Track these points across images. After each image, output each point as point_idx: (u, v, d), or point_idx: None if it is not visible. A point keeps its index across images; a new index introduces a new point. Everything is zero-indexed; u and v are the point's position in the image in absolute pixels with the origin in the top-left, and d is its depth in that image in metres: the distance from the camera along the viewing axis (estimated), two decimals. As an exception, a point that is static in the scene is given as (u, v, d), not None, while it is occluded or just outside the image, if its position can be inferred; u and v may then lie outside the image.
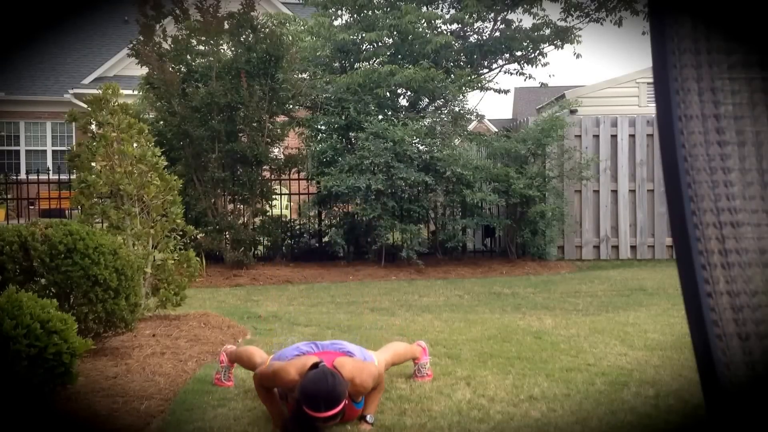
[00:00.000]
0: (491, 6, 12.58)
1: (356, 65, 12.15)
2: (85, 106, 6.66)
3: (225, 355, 4.16)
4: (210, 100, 9.69)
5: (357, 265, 9.95)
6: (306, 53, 11.41)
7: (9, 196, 15.20)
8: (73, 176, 6.86)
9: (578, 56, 15.25)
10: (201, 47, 10.26)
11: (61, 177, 13.07)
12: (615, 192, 10.81)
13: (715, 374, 0.83)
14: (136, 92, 11.28)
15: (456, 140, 11.21)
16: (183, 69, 10.23)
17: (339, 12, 12.61)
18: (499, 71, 13.85)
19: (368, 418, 3.41)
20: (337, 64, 12.28)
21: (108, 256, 4.53)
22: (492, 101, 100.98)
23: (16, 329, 3.29)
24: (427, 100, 12.07)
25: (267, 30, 10.15)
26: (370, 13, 12.18)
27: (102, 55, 21.22)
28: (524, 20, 23.57)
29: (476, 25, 13.24)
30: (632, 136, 10.79)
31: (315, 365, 3.24)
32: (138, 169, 6.08)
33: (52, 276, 4.40)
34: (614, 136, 10.80)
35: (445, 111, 11.75)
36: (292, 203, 12.37)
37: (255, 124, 9.99)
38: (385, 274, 9.34)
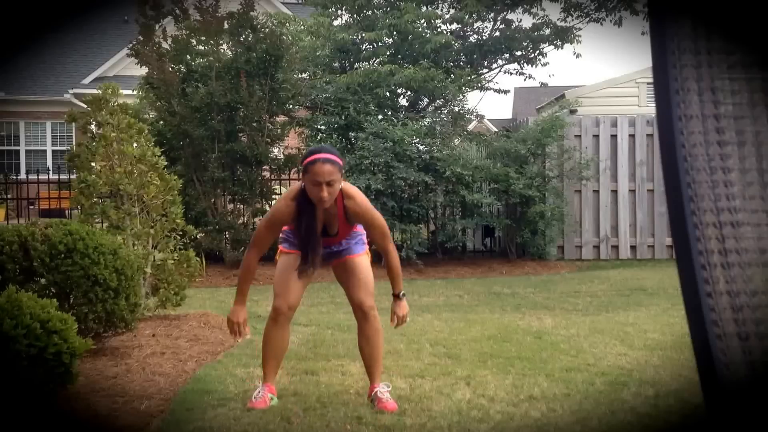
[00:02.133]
0: (491, 6, 12.57)
1: (356, 65, 12.16)
2: (85, 106, 6.66)
3: None
4: (210, 100, 9.69)
5: (357, 265, 9.95)
6: (306, 53, 11.42)
7: (9, 196, 15.20)
8: (73, 176, 6.86)
9: (578, 56, 15.27)
10: (201, 47, 10.26)
11: (61, 177, 13.07)
12: (615, 192, 10.81)
13: (715, 374, 0.83)
14: (136, 92, 11.29)
15: (456, 140, 11.21)
16: (183, 69, 10.24)
17: (339, 12, 12.62)
18: (499, 71, 13.86)
19: (401, 294, 4.00)
20: (336, 64, 12.28)
21: (108, 256, 4.53)
22: (492, 101, 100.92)
23: (16, 329, 3.28)
24: (426, 100, 12.07)
25: (267, 30, 10.15)
26: (369, 12, 12.19)
27: (102, 55, 21.21)
28: (524, 20, 23.54)
29: (476, 24, 13.25)
30: (632, 136, 10.78)
31: None
32: (138, 169, 6.08)
33: (52, 276, 4.40)
34: (614, 136, 10.80)
35: (445, 111, 11.76)
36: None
37: (255, 124, 9.99)
38: (385, 274, 9.31)
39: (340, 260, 3.83)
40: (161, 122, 10.10)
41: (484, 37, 13.29)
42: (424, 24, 12.36)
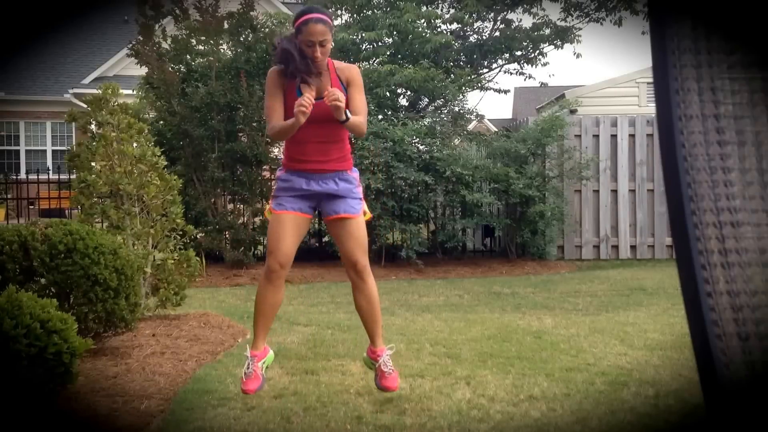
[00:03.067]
0: (491, 6, 12.57)
1: (356, 65, 12.15)
2: (85, 105, 6.66)
3: None
4: (210, 99, 9.69)
5: (357, 264, 9.94)
6: (306, 53, 11.39)
7: (9, 196, 15.20)
8: (73, 176, 6.86)
9: (578, 56, 15.35)
10: (201, 47, 10.26)
11: (61, 177, 13.07)
12: (615, 192, 10.81)
13: (714, 374, 0.83)
14: (135, 92, 11.29)
15: (456, 140, 11.21)
16: (183, 69, 10.24)
17: (339, 12, 12.61)
18: (499, 71, 13.86)
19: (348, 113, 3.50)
20: (336, 64, 12.27)
21: (108, 255, 4.53)
22: (492, 101, 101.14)
23: (16, 329, 3.28)
24: (426, 99, 12.07)
25: (267, 30, 10.15)
26: (369, 12, 12.19)
27: (102, 55, 21.22)
28: (524, 20, 23.56)
29: (476, 24, 13.25)
30: (632, 135, 10.79)
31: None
32: (138, 169, 6.08)
33: (52, 276, 4.40)
34: (614, 136, 10.81)
35: (445, 111, 11.75)
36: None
37: (255, 124, 9.99)
38: (384, 273, 9.34)
39: (338, 216, 3.72)
40: (161, 122, 10.10)
41: (484, 37, 13.29)
42: (424, 24, 12.36)
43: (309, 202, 3.74)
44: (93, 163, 6.21)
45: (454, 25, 13.18)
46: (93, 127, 6.44)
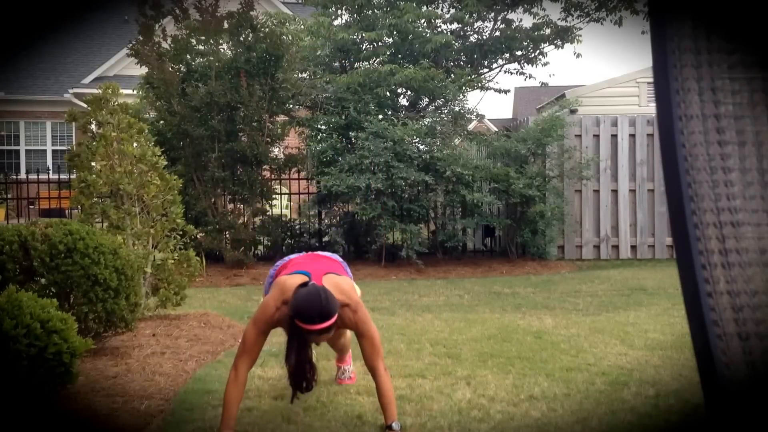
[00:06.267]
0: (491, 5, 12.56)
1: (356, 65, 12.15)
2: (85, 105, 6.66)
3: None
4: (210, 99, 9.69)
5: (357, 264, 9.95)
6: (306, 53, 11.41)
7: (9, 196, 15.20)
8: (73, 176, 6.86)
9: (578, 56, 15.43)
10: (201, 47, 10.26)
11: (61, 177, 13.07)
12: (615, 192, 10.80)
13: (715, 374, 0.83)
14: (136, 92, 11.28)
15: (456, 140, 11.21)
16: (183, 69, 10.24)
17: (339, 11, 12.61)
18: (499, 71, 13.84)
19: (394, 425, 3.24)
20: (337, 64, 12.27)
21: (108, 255, 4.53)
22: (492, 101, 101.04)
23: (16, 329, 3.28)
24: (427, 99, 12.06)
25: (267, 29, 10.15)
26: (369, 12, 12.18)
27: (102, 55, 21.21)
28: (524, 20, 23.56)
29: (476, 24, 13.23)
30: (632, 135, 10.78)
31: (304, 284, 3.21)
32: (138, 169, 6.08)
33: (52, 276, 4.40)
34: (614, 136, 10.80)
35: (445, 111, 11.75)
36: (292, 203, 12.37)
37: (255, 124, 9.99)
38: (385, 273, 9.34)
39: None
40: (161, 122, 10.10)
41: (485, 37, 13.28)
42: (424, 24, 12.35)
43: None
44: (93, 163, 6.21)
45: (454, 25, 13.16)
46: (93, 126, 6.44)
